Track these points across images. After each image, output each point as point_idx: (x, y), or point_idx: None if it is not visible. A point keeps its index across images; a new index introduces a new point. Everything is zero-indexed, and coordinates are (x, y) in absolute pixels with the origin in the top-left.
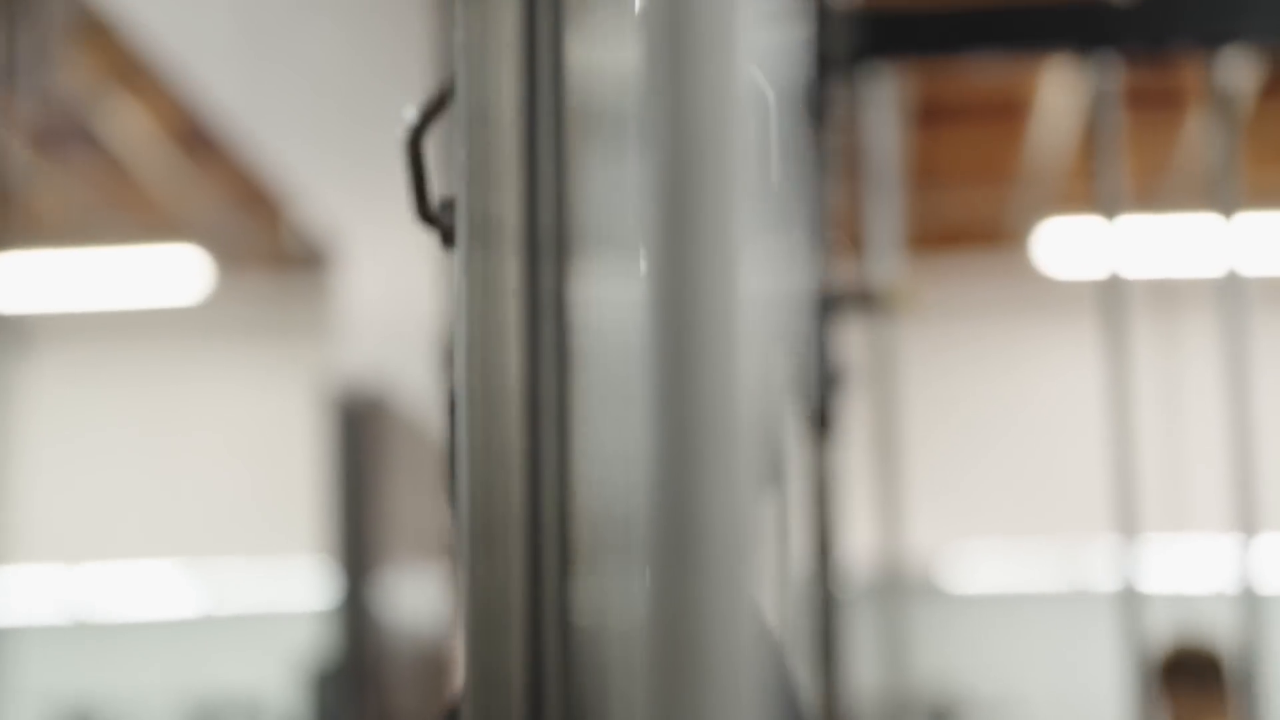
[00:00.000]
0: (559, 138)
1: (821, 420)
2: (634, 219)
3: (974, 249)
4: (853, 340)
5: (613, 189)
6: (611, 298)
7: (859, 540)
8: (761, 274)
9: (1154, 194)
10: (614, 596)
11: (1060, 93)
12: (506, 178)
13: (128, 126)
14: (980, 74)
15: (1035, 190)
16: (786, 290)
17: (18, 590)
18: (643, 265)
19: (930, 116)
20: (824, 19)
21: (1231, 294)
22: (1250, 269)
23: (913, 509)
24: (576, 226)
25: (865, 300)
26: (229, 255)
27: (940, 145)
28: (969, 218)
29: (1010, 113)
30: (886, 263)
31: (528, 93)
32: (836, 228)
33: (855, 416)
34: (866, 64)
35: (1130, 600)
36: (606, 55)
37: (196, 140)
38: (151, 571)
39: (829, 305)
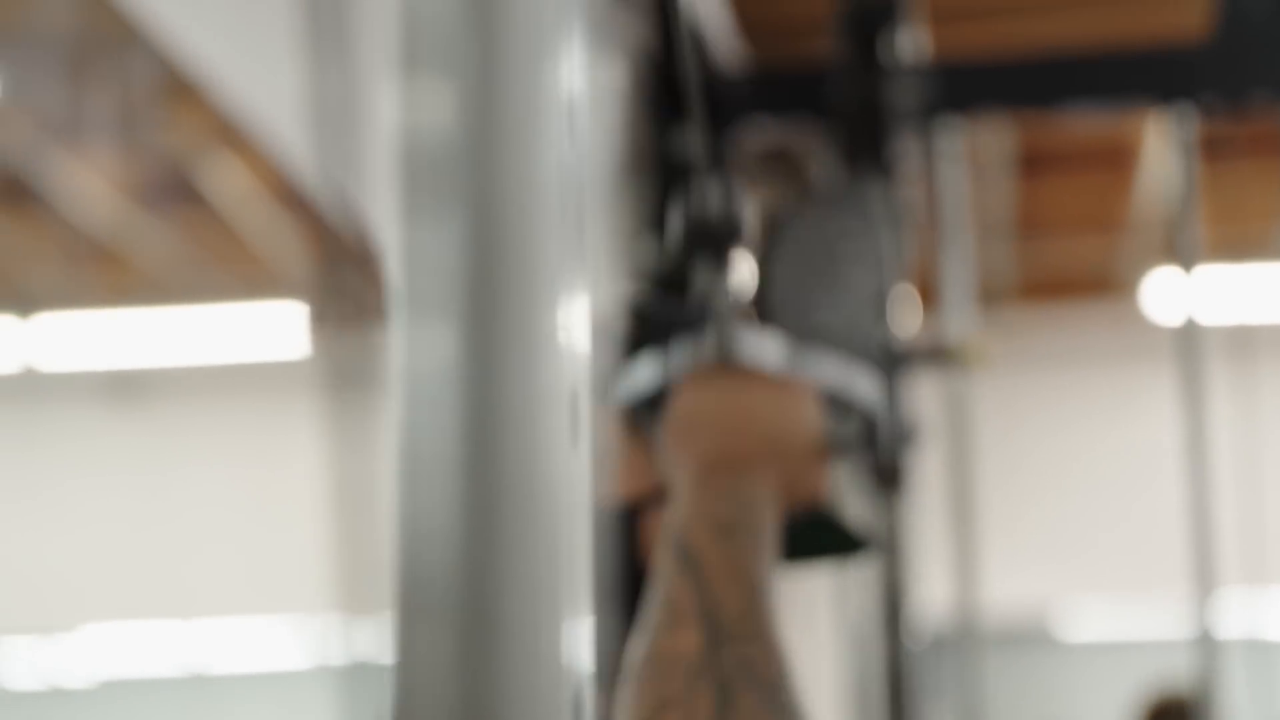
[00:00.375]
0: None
1: (894, 476)
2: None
3: (1082, 298)
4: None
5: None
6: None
7: (1005, 591)
8: (578, 332)
9: (1262, 241)
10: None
11: (1166, 139)
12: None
13: (229, 183)
14: (1083, 122)
15: (1143, 238)
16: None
17: (133, 645)
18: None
19: (1034, 165)
20: (895, 72)
21: None
22: None
23: (1026, 559)
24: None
25: (938, 355)
26: (330, 311)
27: (1045, 194)
28: (1076, 266)
29: (1116, 160)
30: (962, 317)
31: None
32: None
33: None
34: (940, 118)
35: (1206, 649)
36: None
37: (294, 197)
38: (254, 626)
39: (902, 361)
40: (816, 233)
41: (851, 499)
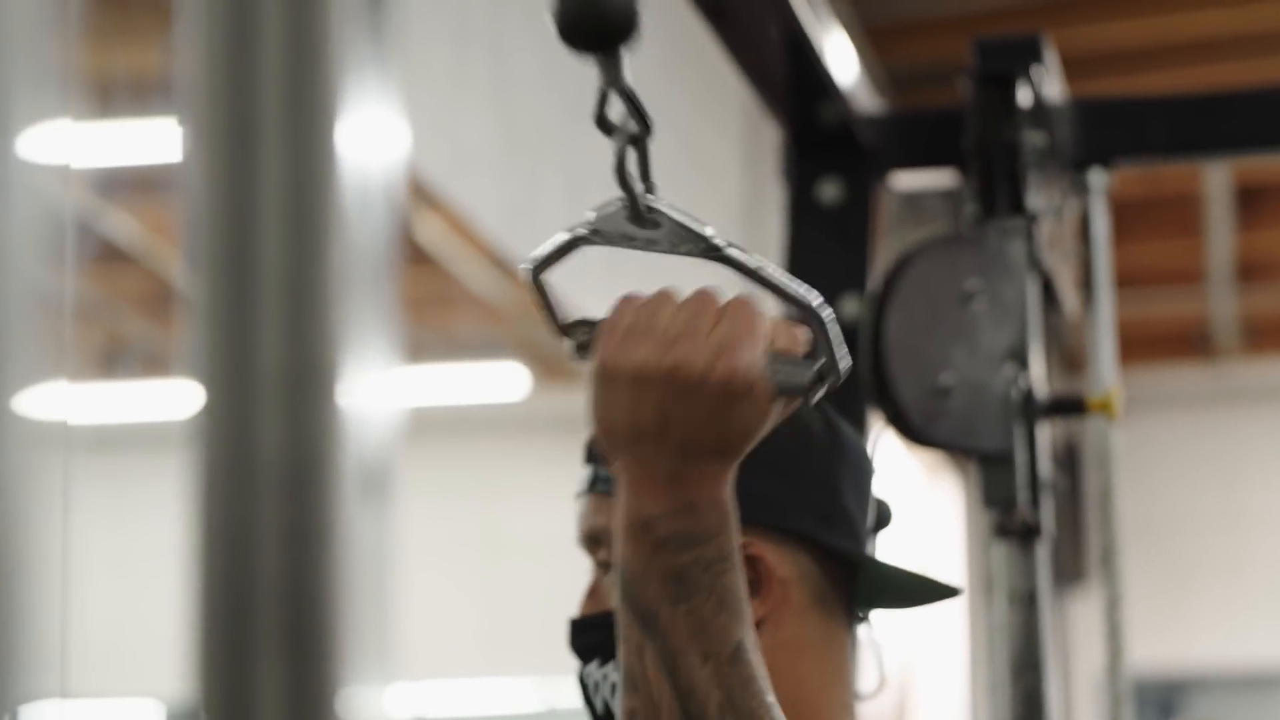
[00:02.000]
0: None
1: (1030, 529)
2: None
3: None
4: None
5: None
6: None
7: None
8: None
9: None
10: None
11: None
12: None
13: (438, 242)
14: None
15: None
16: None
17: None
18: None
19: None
20: (1034, 114)
21: None
22: None
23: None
24: None
25: (1075, 407)
26: (545, 367)
27: (1262, 235)
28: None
29: None
30: (1102, 370)
31: None
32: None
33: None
34: (1087, 163)
35: None
36: None
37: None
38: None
39: (1039, 413)
40: (945, 274)
41: (987, 547)
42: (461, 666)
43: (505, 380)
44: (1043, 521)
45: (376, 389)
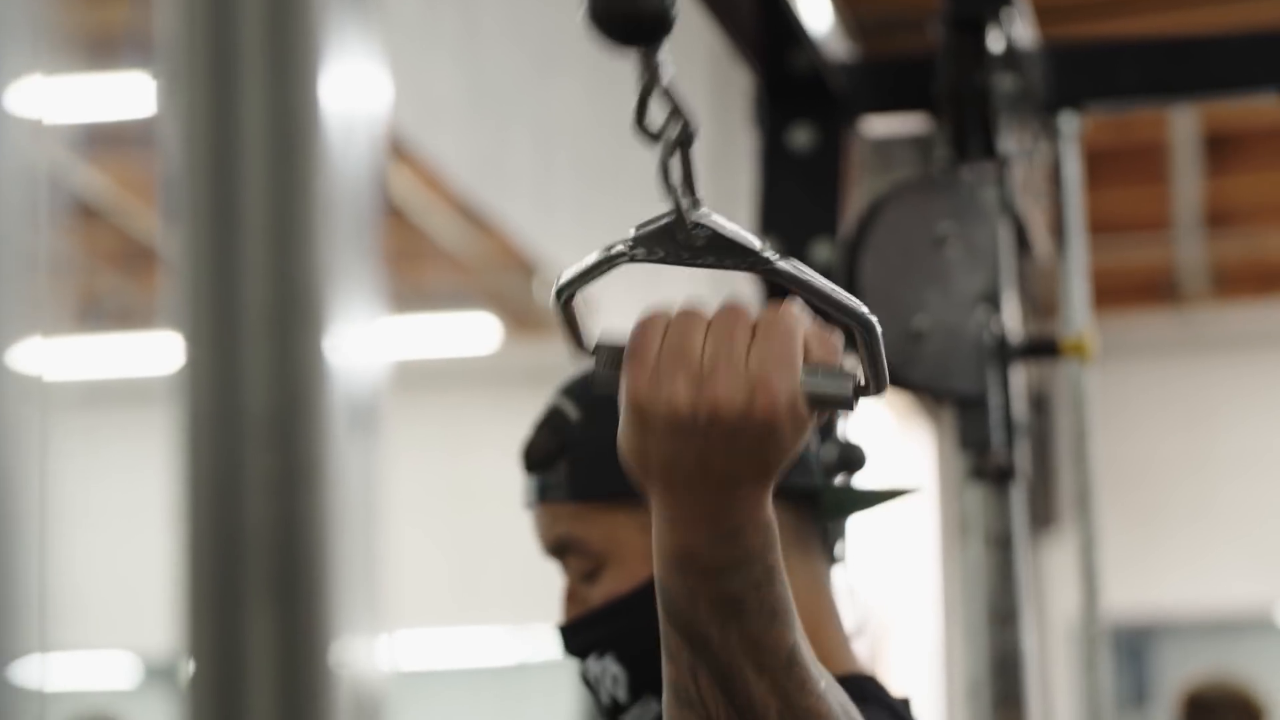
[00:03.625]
0: None
1: (1005, 472)
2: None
3: None
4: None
5: None
6: None
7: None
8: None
9: None
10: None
11: None
12: None
13: (407, 195)
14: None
15: None
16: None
17: None
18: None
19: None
20: (1004, 58)
21: None
22: None
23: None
24: None
25: (1046, 350)
26: (515, 319)
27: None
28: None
29: None
30: (1075, 313)
31: None
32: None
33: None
34: (1057, 108)
35: None
36: None
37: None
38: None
39: (1013, 355)
40: (918, 219)
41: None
42: (433, 617)
43: (476, 332)
44: (1018, 463)
45: (362, 332)
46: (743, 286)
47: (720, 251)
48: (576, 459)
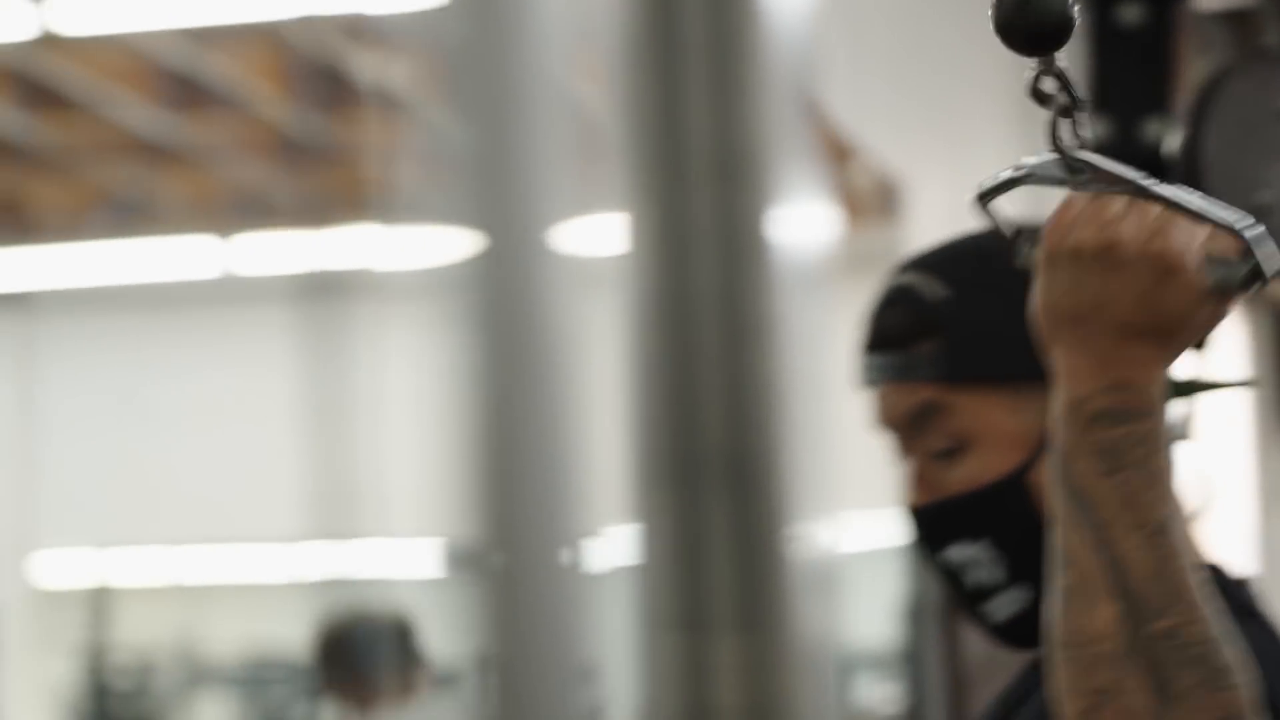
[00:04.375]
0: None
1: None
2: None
3: None
4: None
5: None
6: None
7: None
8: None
9: None
10: None
11: None
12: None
13: None
14: None
15: None
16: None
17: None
18: None
19: None
20: None
21: None
22: None
23: None
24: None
25: None
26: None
27: None
28: None
29: None
30: None
31: None
32: None
33: None
34: None
35: None
36: None
37: None
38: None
39: None
40: (1259, 93)
41: None
42: (875, 499)
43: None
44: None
45: (800, 207)
46: None
47: (1102, 182)
48: (949, 338)
